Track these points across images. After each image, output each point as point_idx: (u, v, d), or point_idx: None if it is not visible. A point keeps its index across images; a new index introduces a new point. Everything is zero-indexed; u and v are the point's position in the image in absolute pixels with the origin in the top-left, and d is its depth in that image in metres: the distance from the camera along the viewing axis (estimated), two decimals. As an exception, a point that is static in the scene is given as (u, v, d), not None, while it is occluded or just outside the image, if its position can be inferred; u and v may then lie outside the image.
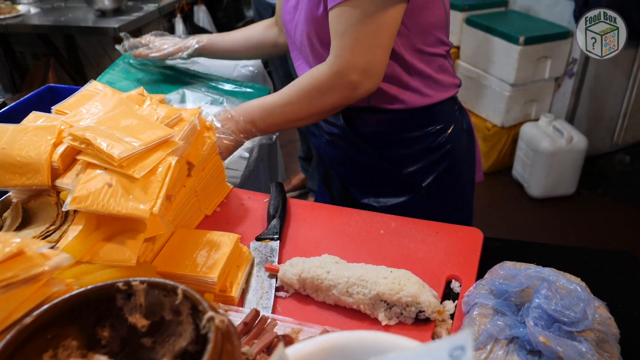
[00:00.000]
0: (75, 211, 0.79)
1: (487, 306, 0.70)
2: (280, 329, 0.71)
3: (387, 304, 0.74)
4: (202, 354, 0.42)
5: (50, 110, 0.95)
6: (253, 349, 0.64)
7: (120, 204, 0.74)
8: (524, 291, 0.69)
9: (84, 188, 0.75)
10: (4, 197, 0.89)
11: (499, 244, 0.90)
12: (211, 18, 3.13)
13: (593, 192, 2.80)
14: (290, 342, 0.68)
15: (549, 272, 0.68)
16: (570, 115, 2.85)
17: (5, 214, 0.85)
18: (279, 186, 1.01)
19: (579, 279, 0.72)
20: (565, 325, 0.63)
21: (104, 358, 0.49)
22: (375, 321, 0.75)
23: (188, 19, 2.95)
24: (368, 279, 0.75)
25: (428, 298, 0.73)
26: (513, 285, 0.69)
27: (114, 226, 0.77)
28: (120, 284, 0.49)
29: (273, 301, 0.79)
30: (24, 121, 0.93)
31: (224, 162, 1.04)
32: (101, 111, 0.87)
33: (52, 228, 0.80)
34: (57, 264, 0.57)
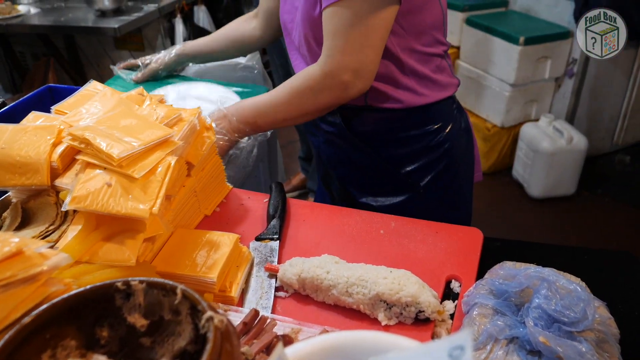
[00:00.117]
0: (74, 211, 0.79)
1: (487, 306, 0.69)
2: (279, 329, 0.71)
3: (387, 304, 0.73)
4: (201, 353, 0.42)
5: (49, 110, 0.95)
6: (252, 349, 0.64)
7: (119, 203, 0.74)
8: (523, 291, 0.68)
9: (84, 188, 0.75)
10: (3, 197, 0.89)
11: (499, 244, 0.90)
12: (211, 18, 3.12)
13: (593, 192, 2.80)
14: (289, 342, 0.68)
15: (548, 272, 0.68)
16: (570, 116, 2.84)
17: (5, 214, 0.85)
18: (278, 186, 1.01)
19: (579, 279, 0.72)
20: (565, 326, 0.63)
21: (102, 358, 0.48)
22: (375, 321, 0.75)
23: (188, 19, 2.95)
24: (368, 279, 0.75)
25: (428, 298, 0.72)
26: (513, 286, 0.69)
27: (113, 226, 0.77)
28: (119, 284, 0.49)
29: (272, 301, 0.79)
30: (24, 121, 0.93)
31: None
32: (101, 111, 0.87)
33: (51, 228, 0.80)
34: (56, 263, 0.57)
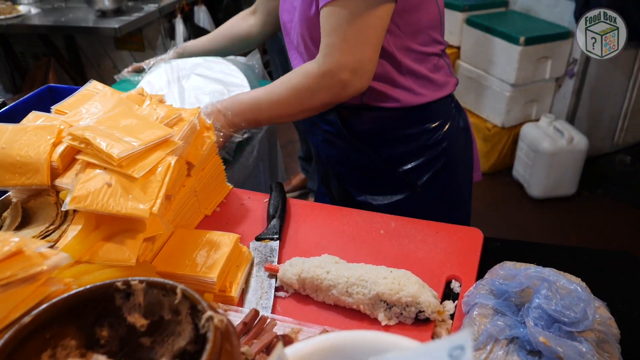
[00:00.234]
0: (74, 211, 0.79)
1: (487, 306, 0.69)
2: (279, 329, 0.71)
3: (387, 304, 0.73)
4: (201, 353, 0.42)
5: (50, 110, 0.95)
6: (252, 348, 0.64)
7: (119, 203, 0.74)
8: (524, 291, 0.68)
9: (84, 188, 0.75)
10: (3, 197, 0.89)
11: (499, 244, 0.90)
12: (211, 18, 3.13)
13: (594, 192, 2.80)
14: (289, 342, 0.68)
15: (549, 272, 0.68)
16: (570, 116, 2.84)
17: (5, 214, 0.85)
18: (278, 186, 1.01)
19: (579, 279, 0.72)
20: (565, 326, 0.63)
21: (102, 357, 0.48)
22: (375, 321, 0.74)
23: (188, 19, 2.95)
24: (368, 279, 0.75)
25: (428, 298, 0.72)
26: (513, 286, 0.69)
27: (113, 226, 0.77)
28: (119, 284, 0.49)
29: (272, 301, 0.79)
30: (24, 121, 0.93)
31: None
32: (101, 111, 0.87)
33: (51, 228, 0.80)
34: (56, 263, 0.57)
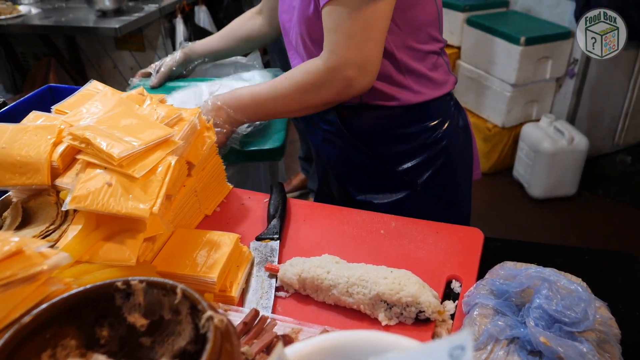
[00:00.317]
0: (75, 211, 0.79)
1: (488, 306, 0.69)
2: (280, 329, 0.71)
3: (387, 304, 0.73)
4: (201, 353, 0.42)
5: (50, 110, 0.95)
6: (252, 348, 0.64)
7: (120, 203, 0.74)
8: (524, 291, 0.68)
9: (84, 187, 0.75)
10: (3, 197, 0.89)
11: (500, 244, 0.90)
12: (212, 18, 3.13)
13: (594, 192, 2.80)
14: (290, 342, 0.68)
15: (549, 272, 0.68)
16: (571, 116, 2.84)
17: (5, 214, 0.85)
18: (279, 186, 1.01)
19: (579, 279, 0.72)
20: (566, 326, 0.63)
21: (102, 357, 0.48)
22: (376, 321, 0.74)
23: (189, 19, 2.95)
24: (368, 279, 0.74)
25: (428, 298, 0.72)
26: (513, 286, 0.69)
27: (113, 226, 0.77)
28: (119, 283, 0.49)
29: (273, 301, 0.79)
30: (24, 121, 0.93)
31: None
32: (101, 111, 0.87)
33: (51, 227, 0.80)
34: (56, 263, 0.57)
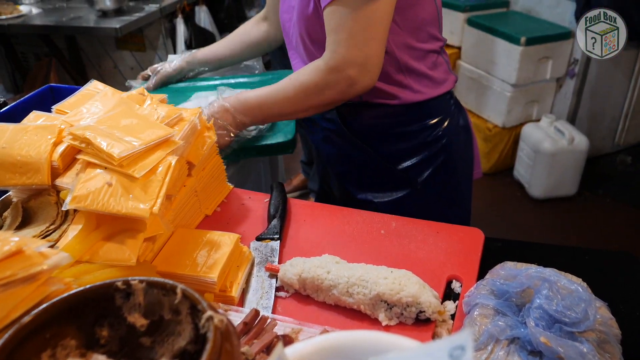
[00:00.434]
0: (75, 210, 0.79)
1: (488, 306, 0.69)
2: (280, 329, 0.71)
3: (388, 304, 0.73)
4: (201, 353, 0.42)
5: (50, 110, 0.95)
6: (252, 349, 0.64)
7: (120, 203, 0.74)
8: (524, 291, 0.68)
9: (84, 187, 0.75)
10: (4, 197, 0.89)
11: (500, 244, 0.90)
12: (212, 18, 3.13)
13: (594, 192, 2.80)
14: (290, 342, 0.68)
15: (550, 273, 0.68)
16: (571, 116, 2.84)
17: (5, 214, 0.85)
18: (279, 186, 1.01)
19: (580, 280, 0.72)
20: (566, 326, 0.62)
21: (102, 357, 0.48)
22: (376, 321, 0.74)
23: (189, 20, 2.95)
24: (368, 279, 0.74)
25: (429, 298, 0.72)
26: (514, 286, 0.69)
27: (113, 226, 0.77)
28: (119, 283, 0.49)
29: (273, 301, 0.79)
30: (24, 120, 0.92)
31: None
32: (101, 110, 0.87)
33: (52, 227, 0.80)
34: (56, 263, 0.57)
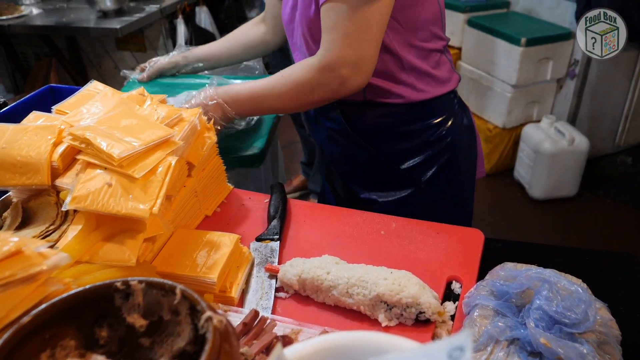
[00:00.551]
0: (75, 211, 0.79)
1: (488, 307, 0.69)
2: (279, 330, 0.71)
3: (387, 305, 0.73)
4: (200, 354, 0.42)
5: (50, 110, 0.95)
6: (252, 349, 0.64)
7: (119, 203, 0.74)
8: (524, 292, 0.68)
9: (84, 188, 0.75)
10: (4, 197, 0.89)
11: (500, 245, 0.90)
12: (213, 19, 3.13)
13: (595, 193, 2.79)
14: (289, 342, 0.68)
15: (550, 273, 0.68)
16: (572, 117, 2.84)
17: (5, 214, 0.85)
18: (279, 187, 1.01)
19: (580, 280, 0.72)
20: (566, 327, 0.62)
21: (102, 358, 0.48)
22: (376, 322, 0.74)
23: (190, 20, 2.95)
24: (368, 279, 0.74)
25: (428, 299, 0.72)
26: (514, 287, 0.69)
27: (113, 226, 0.77)
28: (119, 284, 0.49)
29: (273, 302, 0.78)
30: (24, 121, 0.93)
31: None
32: (101, 111, 0.87)
33: (51, 228, 0.80)
34: (56, 263, 0.57)
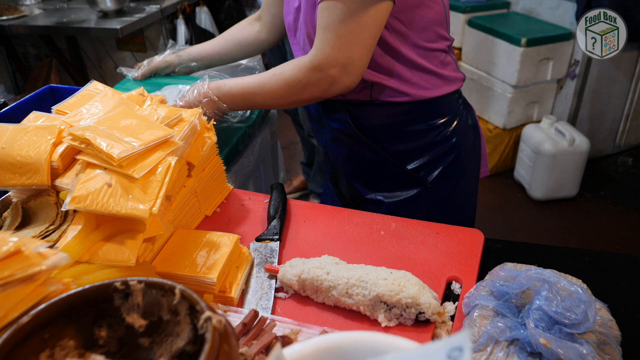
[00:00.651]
0: (74, 211, 0.79)
1: (488, 308, 0.69)
2: (279, 330, 0.71)
3: (387, 305, 0.73)
4: (199, 354, 0.42)
5: (50, 110, 0.95)
6: (252, 349, 0.64)
7: (119, 204, 0.74)
8: (524, 293, 0.68)
9: (84, 188, 0.75)
10: (3, 197, 0.89)
11: (500, 245, 0.90)
12: (213, 19, 3.13)
13: (595, 194, 2.79)
14: (289, 342, 0.68)
15: (549, 274, 0.68)
16: (572, 117, 2.84)
17: (5, 214, 0.85)
18: (279, 187, 1.01)
19: (580, 281, 0.72)
20: (566, 327, 0.62)
21: (101, 358, 0.48)
22: (375, 322, 0.74)
23: (190, 20, 2.95)
24: (368, 280, 0.74)
25: (428, 299, 0.72)
26: (514, 287, 0.69)
27: (113, 226, 0.77)
28: (118, 284, 0.49)
29: (272, 302, 0.78)
30: (24, 121, 0.93)
31: None
32: (101, 111, 0.87)
33: (51, 228, 0.80)
34: (55, 263, 0.56)
